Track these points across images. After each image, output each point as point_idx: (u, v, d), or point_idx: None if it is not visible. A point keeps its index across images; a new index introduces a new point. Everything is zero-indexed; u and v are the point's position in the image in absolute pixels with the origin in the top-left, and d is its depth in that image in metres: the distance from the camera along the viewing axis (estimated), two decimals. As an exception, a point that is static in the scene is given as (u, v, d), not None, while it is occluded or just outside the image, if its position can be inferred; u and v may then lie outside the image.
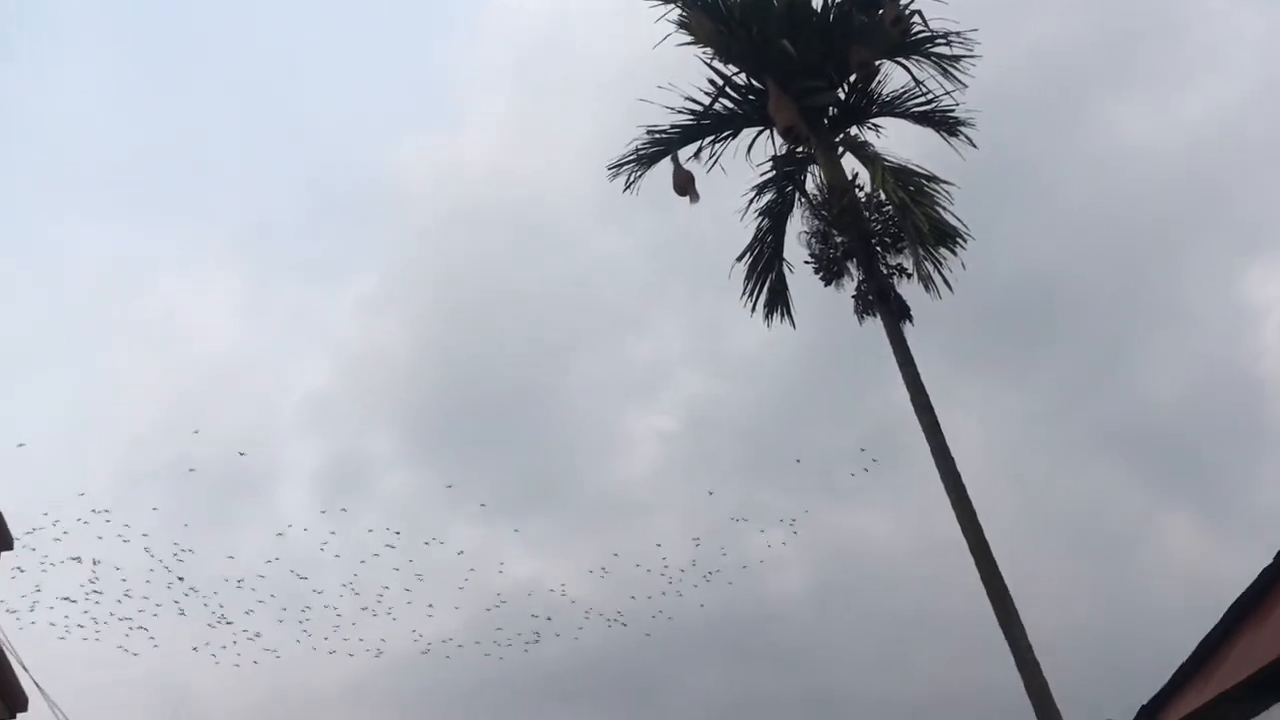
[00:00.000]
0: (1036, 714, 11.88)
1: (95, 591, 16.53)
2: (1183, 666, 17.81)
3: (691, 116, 15.58)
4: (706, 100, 15.48)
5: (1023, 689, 12.09)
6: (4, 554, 11.15)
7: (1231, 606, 16.84)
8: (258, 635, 19.22)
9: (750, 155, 16.02)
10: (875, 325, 14.34)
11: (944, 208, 14.73)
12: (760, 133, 15.94)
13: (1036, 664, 12.10)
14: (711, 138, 15.87)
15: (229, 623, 18.72)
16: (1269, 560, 16.98)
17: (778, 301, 16.00)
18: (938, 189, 14.84)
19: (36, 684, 12.02)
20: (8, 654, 10.54)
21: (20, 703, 10.82)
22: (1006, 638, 12.30)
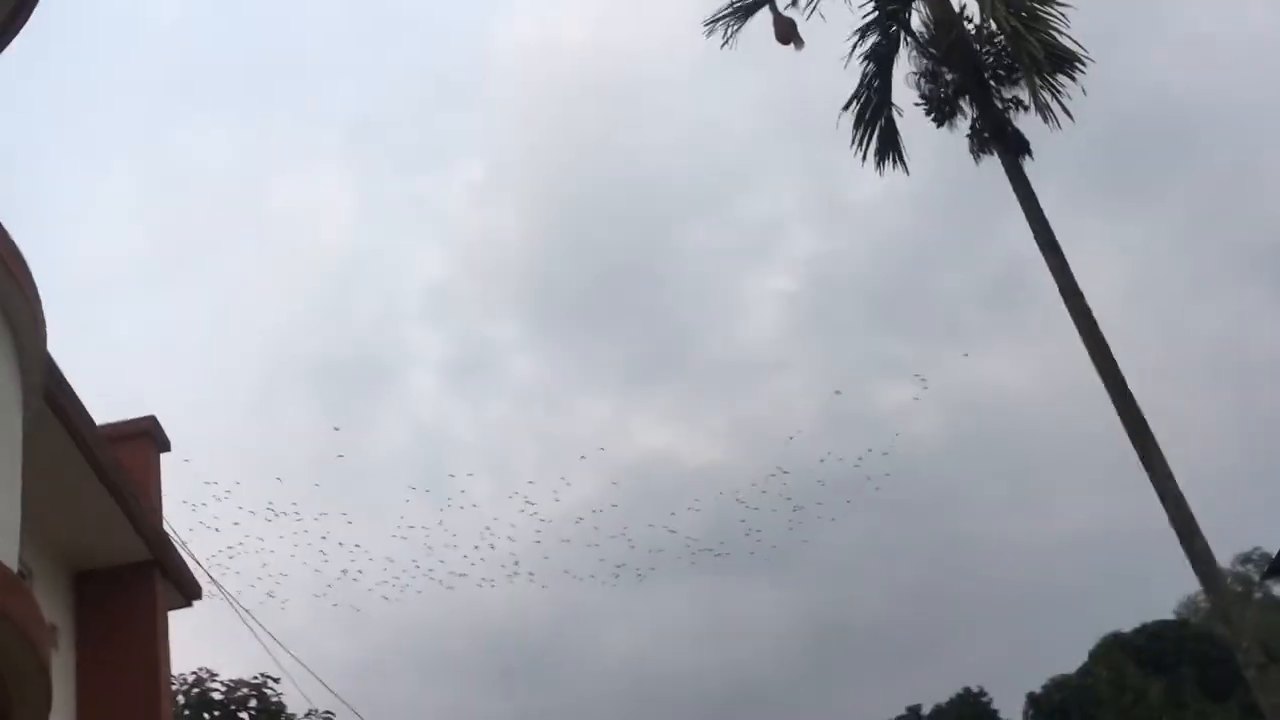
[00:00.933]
0: (1182, 545, 11.72)
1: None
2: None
3: (788, -41, 15.00)
4: (801, -60, 14.88)
5: (1167, 523, 11.91)
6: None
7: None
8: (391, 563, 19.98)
9: (851, -4, 15.39)
10: (993, 164, 13.86)
11: (1060, 31, 13.84)
12: (860, -30, 15.27)
13: (1180, 496, 11.88)
14: (809, -20, 15.27)
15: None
16: None
17: (889, 148, 15.49)
18: (1052, 11, 13.98)
19: (209, 575, 12.86)
20: (180, 549, 11.29)
21: (195, 591, 11.63)
22: (1147, 472, 12.09)
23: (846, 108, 15.50)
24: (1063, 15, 13.95)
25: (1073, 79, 13.88)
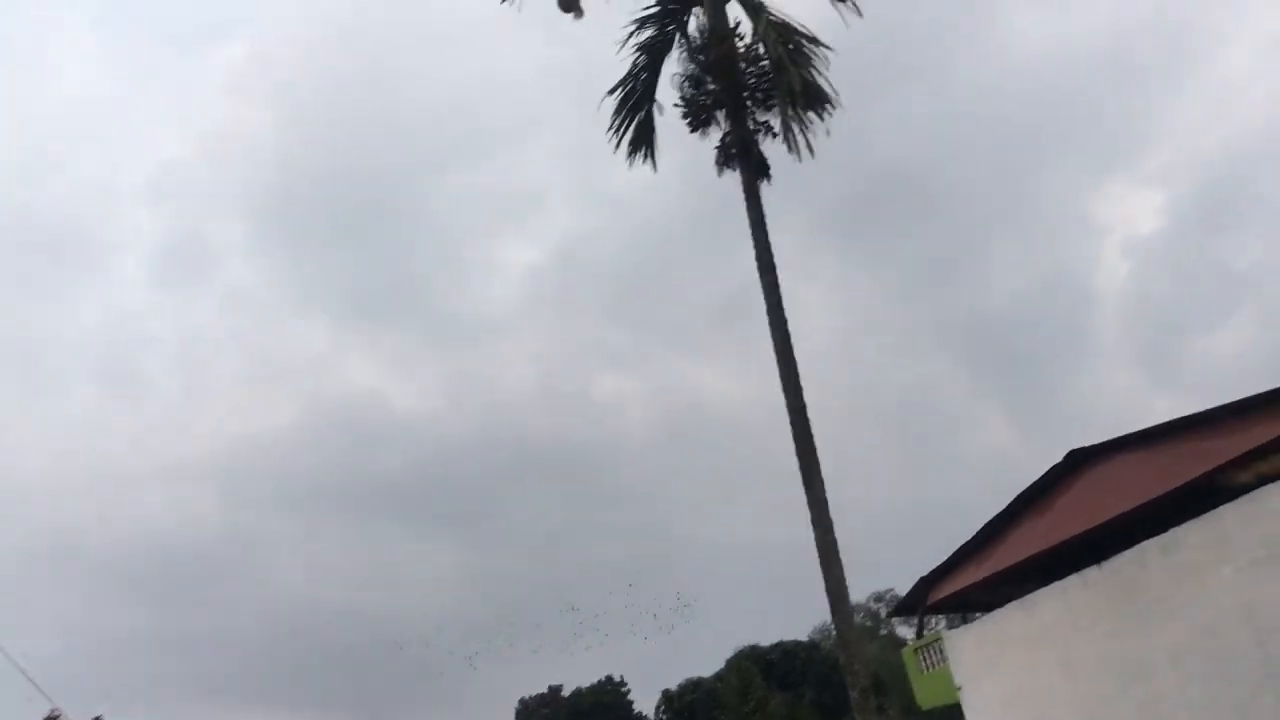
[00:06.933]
0: (821, 566, 12.45)
1: None
2: (965, 545, 19.23)
3: (583, -65, 14.88)
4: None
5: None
6: None
7: (1017, 497, 18.16)
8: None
9: (637, -15, 15.44)
10: (734, 180, 14.24)
11: (819, 71, 14.50)
12: (650, -37, 15.35)
13: (830, 526, 12.60)
14: (601, -39, 15.19)
15: None
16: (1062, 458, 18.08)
17: (643, 141, 15.67)
18: (816, 51, 14.58)
19: None
20: None
21: None
22: (807, 497, 12.75)
23: (612, 92, 15.57)
24: (826, 57, 14.62)
25: (821, 118, 14.51)
